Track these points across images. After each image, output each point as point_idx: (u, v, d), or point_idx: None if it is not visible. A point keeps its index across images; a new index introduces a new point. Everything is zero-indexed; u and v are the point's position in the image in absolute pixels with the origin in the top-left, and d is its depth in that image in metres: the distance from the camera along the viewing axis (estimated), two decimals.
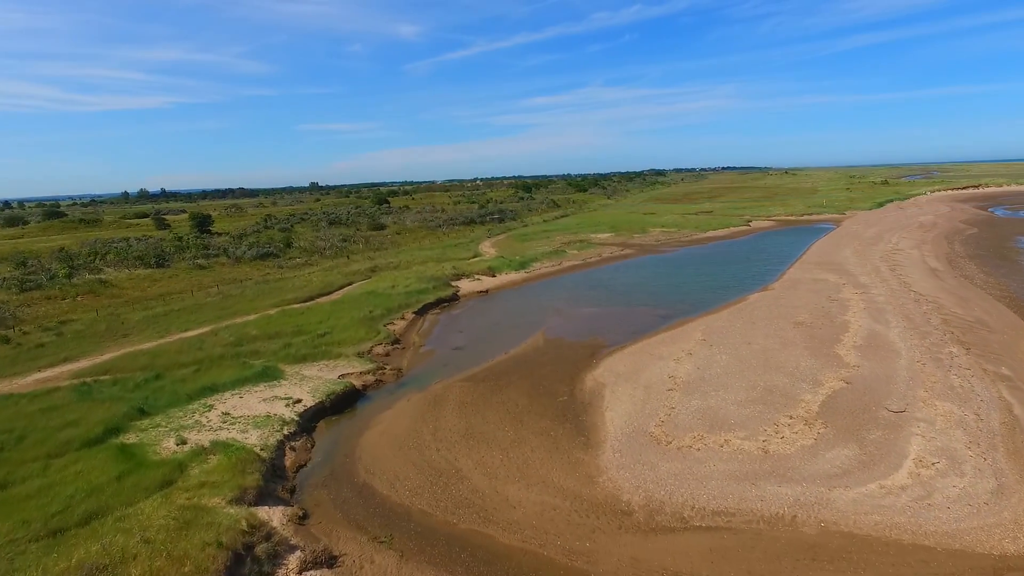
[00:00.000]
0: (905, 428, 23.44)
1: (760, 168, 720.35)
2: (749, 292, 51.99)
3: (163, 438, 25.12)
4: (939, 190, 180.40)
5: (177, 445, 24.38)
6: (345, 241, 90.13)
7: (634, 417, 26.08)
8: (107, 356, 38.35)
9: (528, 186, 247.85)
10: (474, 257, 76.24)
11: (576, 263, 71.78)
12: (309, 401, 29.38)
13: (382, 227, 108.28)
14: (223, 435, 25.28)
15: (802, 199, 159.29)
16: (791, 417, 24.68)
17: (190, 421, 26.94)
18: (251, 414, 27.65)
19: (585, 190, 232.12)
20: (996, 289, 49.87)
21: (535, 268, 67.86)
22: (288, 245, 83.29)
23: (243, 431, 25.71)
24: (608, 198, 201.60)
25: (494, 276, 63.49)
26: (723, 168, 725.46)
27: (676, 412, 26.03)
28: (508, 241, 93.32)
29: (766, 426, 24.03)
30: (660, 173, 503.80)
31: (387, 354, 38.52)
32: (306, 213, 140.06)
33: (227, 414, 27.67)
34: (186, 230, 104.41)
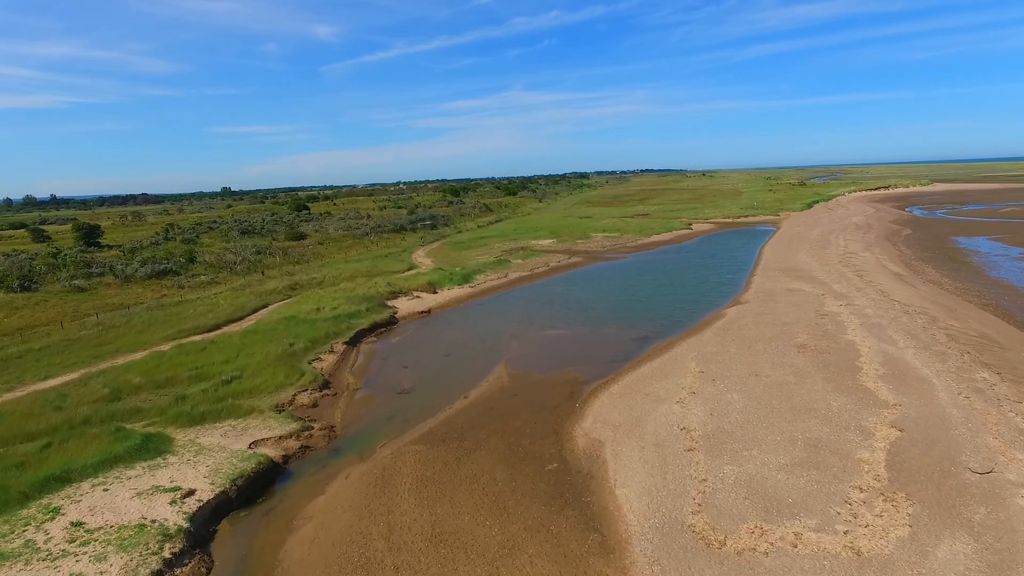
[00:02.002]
0: (1008, 499, 18.19)
1: (677, 170, 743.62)
2: (722, 305, 47.17)
3: None
4: (855, 191, 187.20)
5: None
6: (259, 254, 79.70)
7: (658, 497, 19.61)
8: None
9: (456, 190, 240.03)
10: (409, 269, 68.29)
11: (523, 274, 65.28)
12: (206, 492, 21.10)
13: (302, 236, 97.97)
14: (64, 571, 16.79)
15: (731, 201, 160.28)
16: (861, 489, 18.96)
17: (16, 544, 18.15)
18: (117, 522, 19.16)
19: (515, 193, 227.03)
20: (971, 296, 47.29)
21: (480, 281, 60.82)
22: (191, 260, 72.21)
23: (99, 559, 17.29)
24: (540, 201, 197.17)
25: (435, 292, 55.94)
26: (643, 170, 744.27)
27: (711, 487, 19.78)
28: (444, 250, 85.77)
29: (837, 506, 18.16)
30: (584, 176, 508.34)
31: (314, 404, 30.41)
32: (215, 221, 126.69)
33: (79, 524, 19.05)
34: (69, 243, 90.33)
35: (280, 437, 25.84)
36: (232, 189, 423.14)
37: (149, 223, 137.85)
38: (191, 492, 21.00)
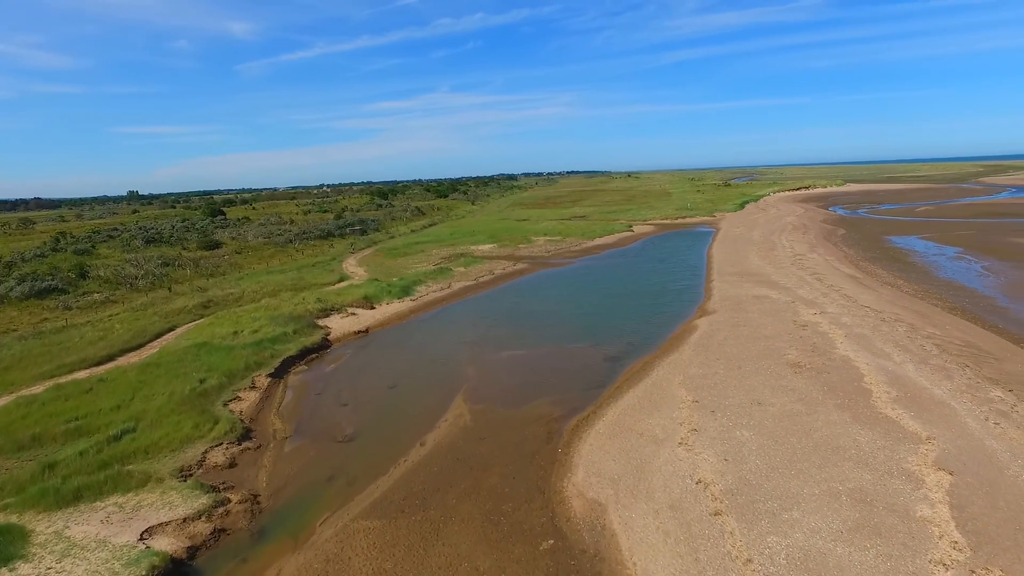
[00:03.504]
0: None
1: (603, 172, 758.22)
2: (689, 316, 43.84)
3: None
4: (778, 191, 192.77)
5: None
6: (166, 265, 70.52)
7: None
8: None
9: (384, 192, 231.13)
10: (341, 281, 61.69)
11: (468, 284, 60.12)
12: None
13: (217, 245, 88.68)
14: None
15: (663, 201, 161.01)
16: (945, 566, 15.22)
17: None
18: None
19: (446, 195, 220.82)
20: (933, 299, 46.12)
21: (421, 293, 55.19)
22: (82, 275, 62.56)
23: None
24: (472, 203, 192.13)
25: (372, 308, 49.89)
26: (569, 172, 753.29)
27: (761, 571, 15.50)
28: (378, 257, 79.26)
29: None
30: (512, 177, 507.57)
31: (231, 463, 24.22)
32: (116, 229, 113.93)
33: None
34: None
35: (185, 519, 19.68)
36: (140, 193, 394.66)
37: (38, 231, 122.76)
38: None
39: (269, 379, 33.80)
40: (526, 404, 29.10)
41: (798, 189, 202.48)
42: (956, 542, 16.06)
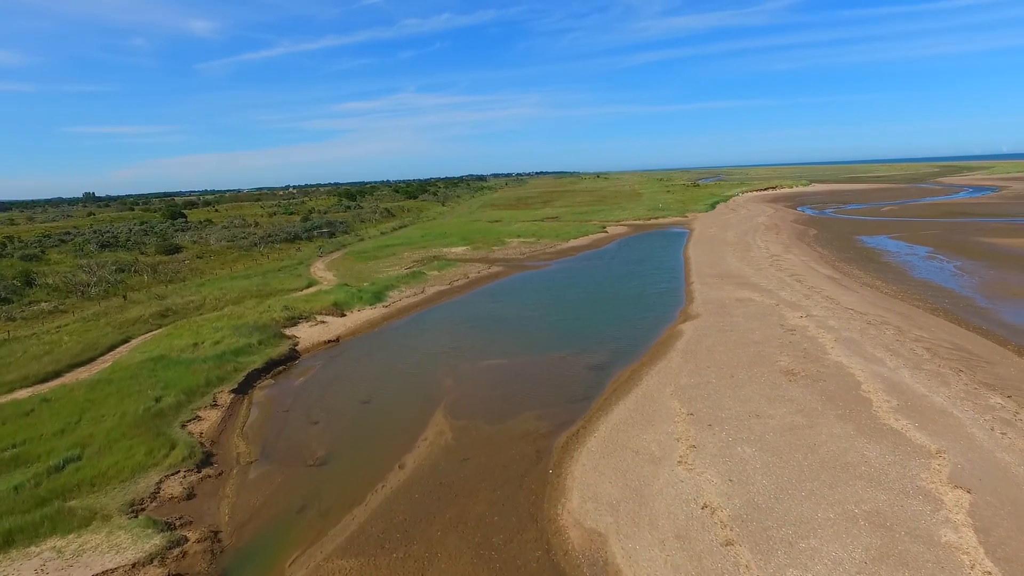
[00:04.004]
0: None
1: (571, 172, 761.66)
2: (672, 320, 42.70)
3: None
4: (746, 192, 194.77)
5: None
6: (122, 272, 66.77)
7: None
8: None
9: (352, 193, 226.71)
10: (309, 287, 59.06)
11: (442, 288, 58.13)
12: None
13: (177, 249, 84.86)
14: None
15: (633, 202, 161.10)
16: None
17: None
18: None
19: (415, 196, 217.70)
20: (913, 300, 45.90)
21: (394, 299, 53.00)
22: (28, 283, 58.66)
23: None
24: (443, 205, 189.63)
25: (343, 315, 47.56)
26: (538, 173, 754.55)
27: None
28: (347, 261, 76.62)
29: None
30: (482, 178, 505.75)
31: (190, 494, 21.91)
32: (69, 232, 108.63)
33: None
34: None
35: (134, 565, 17.42)
36: (97, 195, 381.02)
37: None
38: None
39: (232, 395, 31.39)
40: (510, 418, 27.37)
41: (766, 189, 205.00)
42: (989, 572, 14.87)
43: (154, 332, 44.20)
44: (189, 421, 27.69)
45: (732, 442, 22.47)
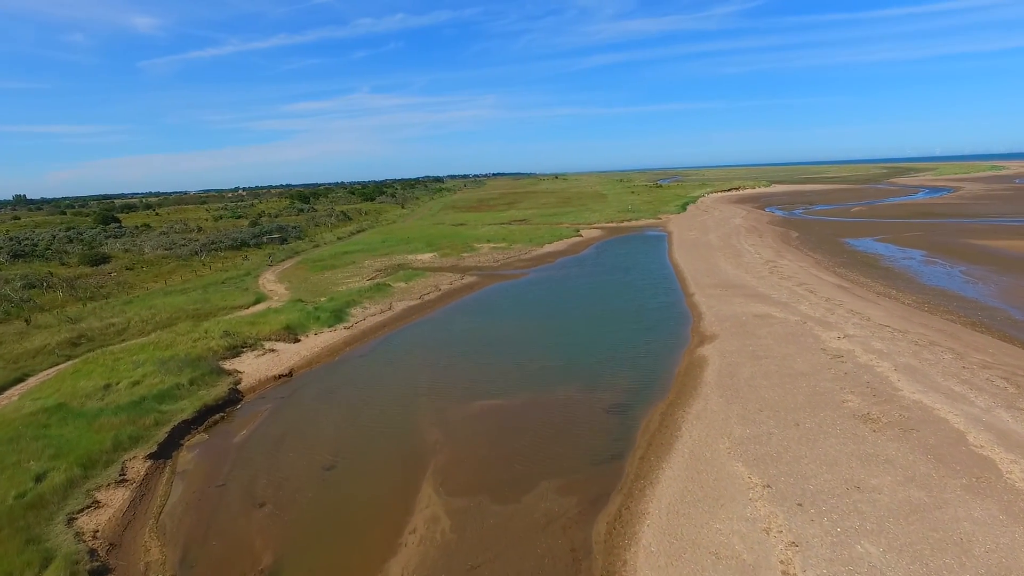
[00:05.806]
0: None
1: (529, 173, 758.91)
2: (686, 341, 36.85)
3: None
4: (711, 192, 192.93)
5: None
6: (31, 288, 57.13)
7: None
8: None
9: (305, 196, 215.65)
10: (256, 303, 51.08)
11: (412, 303, 51.00)
12: None
13: (104, 259, 74.91)
14: None
15: (599, 203, 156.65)
16: None
17: None
18: None
19: (373, 199, 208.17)
20: (945, 313, 41.35)
21: (357, 318, 45.65)
22: None
23: None
24: (402, 207, 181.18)
25: (297, 340, 40.01)
26: (496, 174, 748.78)
27: None
28: (301, 271, 68.47)
29: None
30: (438, 179, 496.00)
31: None
32: None
33: None
34: None
35: None
36: (29, 197, 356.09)
37: None
38: None
39: (148, 463, 23.79)
40: (525, 492, 20.76)
41: (729, 190, 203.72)
42: None
43: (59, 367, 35.90)
44: (81, 511, 20.07)
45: (843, 535, 16.43)
